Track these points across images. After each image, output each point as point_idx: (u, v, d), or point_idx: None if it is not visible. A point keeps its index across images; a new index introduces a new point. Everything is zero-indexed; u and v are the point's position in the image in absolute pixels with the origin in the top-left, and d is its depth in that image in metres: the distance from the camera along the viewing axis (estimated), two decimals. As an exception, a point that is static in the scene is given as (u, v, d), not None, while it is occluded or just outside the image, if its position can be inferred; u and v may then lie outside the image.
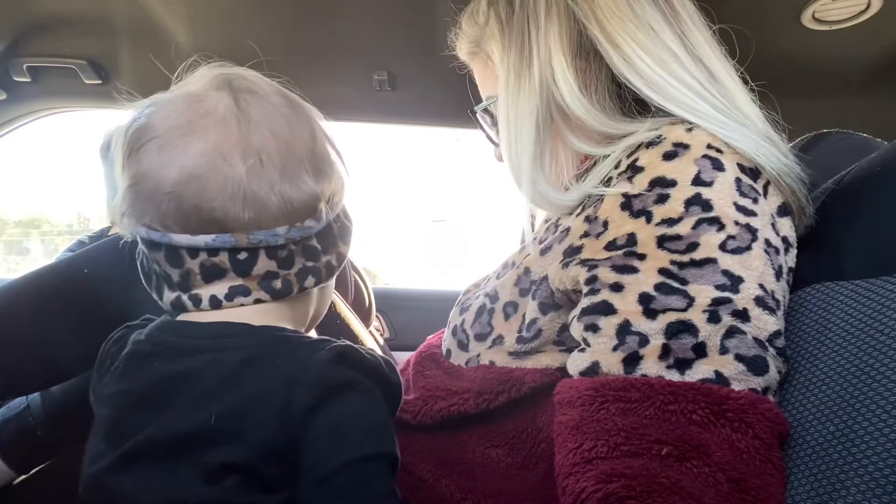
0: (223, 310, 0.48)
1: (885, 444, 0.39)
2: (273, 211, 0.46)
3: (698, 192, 0.49)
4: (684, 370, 0.44)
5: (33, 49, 1.12)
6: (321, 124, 0.52)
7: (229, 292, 0.47)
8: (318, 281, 0.51)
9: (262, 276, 0.47)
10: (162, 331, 0.49)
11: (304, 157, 0.48)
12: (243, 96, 0.47)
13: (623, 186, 0.52)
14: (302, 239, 0.48)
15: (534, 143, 0.60)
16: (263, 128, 0.47)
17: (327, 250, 0.51)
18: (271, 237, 0.46)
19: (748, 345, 0.44)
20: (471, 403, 0.57)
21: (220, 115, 0.46)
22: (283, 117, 0.48)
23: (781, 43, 0.98)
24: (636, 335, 0.46)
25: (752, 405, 0.43)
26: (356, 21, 1.02)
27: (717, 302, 0.45)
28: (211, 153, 0.45)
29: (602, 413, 0.45)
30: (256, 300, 0.48)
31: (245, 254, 0.46)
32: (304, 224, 0.48)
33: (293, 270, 0.49)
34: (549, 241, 0.58)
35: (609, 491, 0.41)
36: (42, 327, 0.72)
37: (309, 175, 0.48)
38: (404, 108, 1.26)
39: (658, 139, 0.53)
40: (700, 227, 0.47)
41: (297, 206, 0.47)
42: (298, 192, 0.47)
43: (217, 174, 0.45)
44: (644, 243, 0.49)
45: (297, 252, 0.49)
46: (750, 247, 0.47)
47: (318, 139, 0.50)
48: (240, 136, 0.45)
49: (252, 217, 0.46)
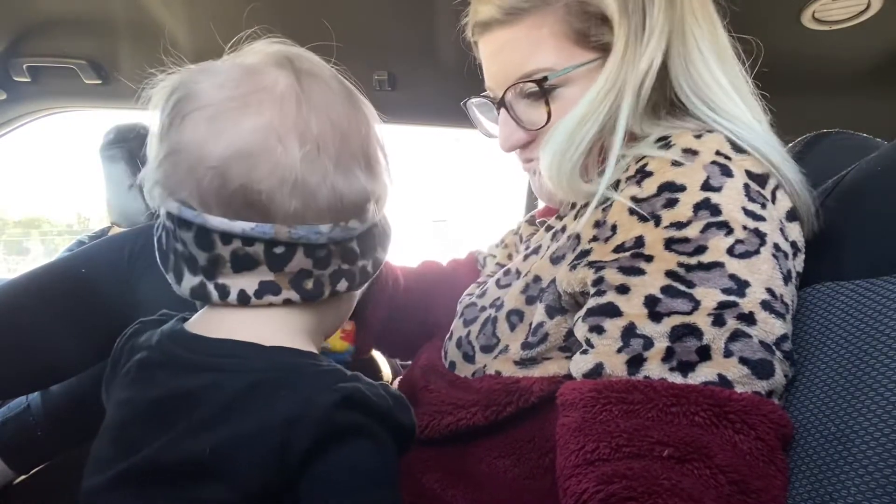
0: (245, 309, 0.45)
1: (886, 445, 0.39)
2: (321, 204, 0.43)
3: (707, 197, 0.49)
4: (687, 372, 0.44)
5: (33, 49, 1.12)
6: (375, 122, 0.49)
7: (259, 288, 0.44)
8: (352, 286, 0.47)
9: (294, 273, 0.44)
10: (173, 341, 0.46)
11: (359, 152, 0.45)
12: (305, 77, 0.44)
13: (632, 190, 0.52)
14: (344, 240, 0.45)
15: (600, 126, 0.57)
16: (323, 114, 0.43)
17: (365, 254, 0.48)
18: (313, 234, 0.43)
19: (753, 348, 0.44)
20: (479, 417, 0.57)
21: (279, 93, 0.43)
22: (342, 106, 0.45)
23: (781, 43, 0.98)
24: (641, 338, 0.46)
25: (755, 407, 0.43)
26: (356, 21, 1.02)
27: (723, 306, 0.45)
28: (265, 131, 0.41)
29: (604, 415, 0.45)
30: (286, 300, 0.44)
31: (282, 248, 0.43)
32: (349, 224, 0.45)
33: (328, 272, 0.45)
34: (561, 250, 0.58)
35: (610, 492, 0.40)
36: (40, 327, 0.72)
37: (362, 171, 0.45)
38: (404, 108, 1.26)
39: (667, 145, 0.54)
40: (709, 231, 0.47)
41: (347, 203, 0.44)
42: (350, 187, 0.44)
43: (269, 155, 0.41)
44: (652, 245, 0.49)
45: (336, 253, 0.45)
46: (758, 251, 0.47)
47: (372, 135, 0.48)
48: (297, 118, 0.42)
49: (298, 208, 0.42)
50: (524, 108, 0.63)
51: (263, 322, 0.45)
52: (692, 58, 0.58)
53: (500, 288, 0.65)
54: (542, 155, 0.58)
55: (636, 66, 0.56)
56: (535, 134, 0.64)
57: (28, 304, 0.72)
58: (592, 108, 0.57)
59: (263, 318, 0.45)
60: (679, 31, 0.58)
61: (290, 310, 0.45)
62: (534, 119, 0.63)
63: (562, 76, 0.60)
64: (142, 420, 0.43)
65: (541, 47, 0.60)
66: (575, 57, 0.59)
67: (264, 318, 0.45)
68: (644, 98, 0.57)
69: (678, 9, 0.58)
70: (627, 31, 0.57)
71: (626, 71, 0.56)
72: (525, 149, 0.67)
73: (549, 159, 0.58)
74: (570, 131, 0.57)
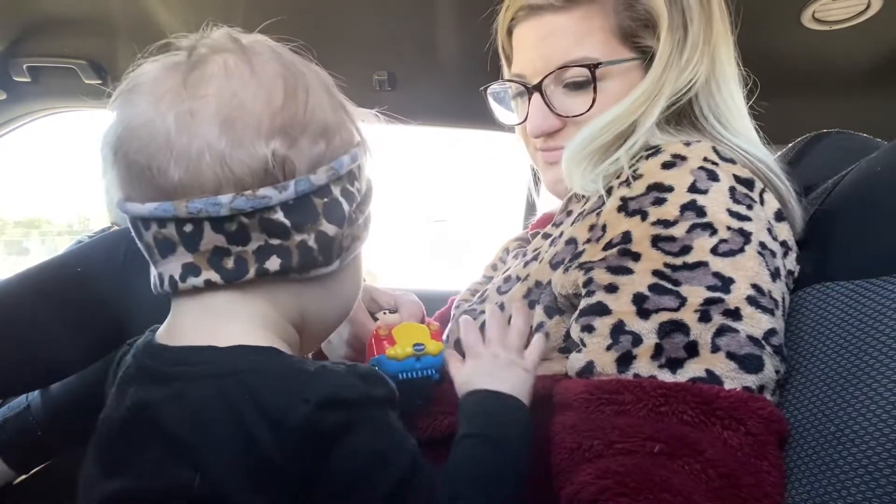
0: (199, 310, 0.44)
1: (885, 444, 0.39)
2: (207, 174, 0.40)
3: (693, 199, 0.51)
4: (676, 369, 0.45)
5: (33, 49, 1.12)
6: (323, 92, 0.47)
7: (183, 271, 0.42)
8: (287, 264, 0.43)
9: (210, 252, 0.42)
10: (145, 352, 0.45)
11: (264, 119, 0.42)
12: (203, 51, 0.44)
13: (622, 191, 0.54)
14: (256, 211, 0.41)
15: (629, 125, 0.60)
16: (213, 81, 0.42)
17: (301, 228, 0.43)
18: (212, 206, 0.40)
19: (740, 342, 0.45)
20: None
21: (169, 64, 0.43)
22: (246, 72, 0.43)
23: (781, 43, 0.98)
24: (630, 335, 0.47)
25: (743, 403, 0.43)
26: (356, 21, 1.02)
27: (709, 302, 0.46)
28: (147, 104, 0.41)
29: (597, 414, 0.46)
30: (207, 282, 0.42)
31: (191, 225, 0.41)
32: (258, 193, 0.41)
33: (249, 248, 0.42)
34: (560, 255, 0.59)
35: (603, 487, 0.41)
36: (38, 326, 0.71)
37: (266, 139, 0.42)
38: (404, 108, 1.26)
39: (657, 151, 0.56)
40: (694, 232, 0.49)
41: (240, 172, 0.41)
42: (242, 155, 0.41)
43: (149, 123, 0.41)
44: (638, 241, 0.50)
45: (253, 226, 0.42)
46: (742, 249, 0.48)
47: (298, 103, 0.44)
48: (179, 84, 0.41)
49: (183, 179, 0.40)
50: (561, 96, 0.65)
51: (218, 320, 0.43)
52: (720, 78, 0.62)
53: (501, 294, 0.65)
54: (576, 142, 0.60)
55: (679, 77, 0.59)
56: (566, 122, 0.65)
57: (24, 302, 0.72)
58: (633, 108, 0.59)
59: (216, 316, 0.44)
60: (714, 50, 0.61)
61: (244, 303, 0.44)
62: (570, 107, 0.64)
63: (608, 68, 0.62)
64: (116, 438, 0.42)
65: (589, 38, 0.62)
66: (618, 52, 0.62)
67: (217, 315, 0.44)
68: (672, 108, 0.60)
69: (713, 30, 0.61)
70: (673, 40, 0.60)
71: (668, 78, 0.59)
72: (551, 137, 0.68)
73: (579, 147, 0.60)
74: (606, 124, 0.60)
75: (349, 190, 0.46)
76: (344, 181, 0.46)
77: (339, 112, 0.47)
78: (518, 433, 0.48)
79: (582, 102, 0.63)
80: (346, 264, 0.48)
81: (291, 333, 0.47)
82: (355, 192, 0.47)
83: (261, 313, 0.45)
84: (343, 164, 0.45)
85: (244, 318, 0.44)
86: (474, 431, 0.48)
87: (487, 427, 0.48)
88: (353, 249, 0.48)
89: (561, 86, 0.65)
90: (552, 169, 0.69)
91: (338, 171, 0.45)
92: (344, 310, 0.52)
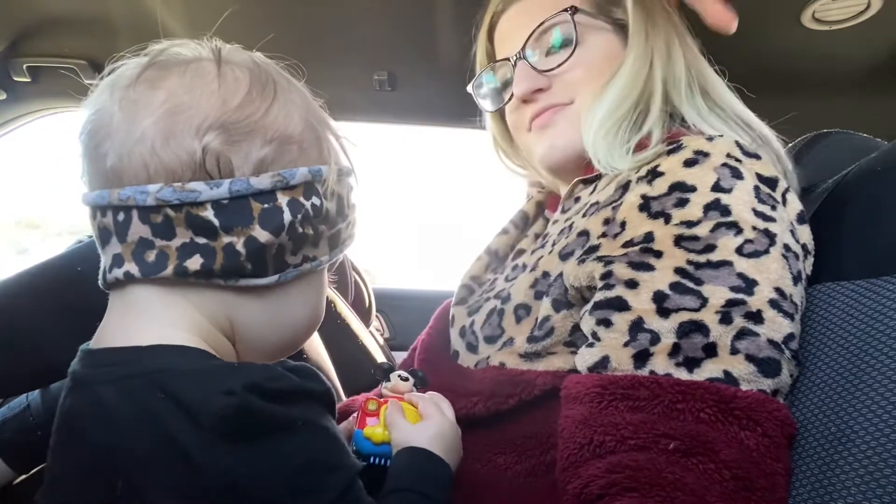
0: (119, 310, 0.43)
1: (886, 445, 0.39)
2: (138, 162, 0.40)
3: (717, 198, 0.50)
4: (693, 368, 0.44)
5: (33, 49, 1.12)
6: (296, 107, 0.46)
7: (112, 262, 0.42)
8: (209, 266, 0.41)
9: (136, 243, 0.41)
10: (77, 357, 0.44)
11: (210, 115, 0.41)
12: (174, 51, 0.44)
13: (642, 189, 0.53)
14: (184, 204, 0.40)
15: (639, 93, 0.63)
16: (171, 77, 0.42)
17: (230, 230, 0.41)
18: (139, 194, 0.39)
19: (760, 346, 0.44)
20: (480, 407, 0.57)
21: (139, 60, 0.44)
22: (210, 74, 0.43)
23: (781, 43, 0.98)
24: (648, 332, 0.46)
25: (761, 404, 0.43)
26: (356, 21, 1.02)
27: (731, 303, 0.45)
28: (108, 90, 0.42)
29: (610, 409, 0.45)
30: (127, 274, 0.41)
31: (122, 214, 0.40)
32: (187, 186, 0.40)
33: (174, 243, 0.40)
34: (570, 247, 0.58)
35: (613, 480, 0.41)
36: (37, 325, 0.71)
37: (201, 133, 0.41)
38: (404, 108, 1.26)
39: (678, 147, 0.55)
40: (718, 231, 0.48)
41: (170, 162, 0.40)
42: (173, 145, 0.40)
43: (101, 110, 0.42)
44: (661, 241, 0.49)
45: (179, 221, 0.40)
46: (767, 251, 0.48)
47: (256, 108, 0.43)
48: (136, 76, 0.42)
49: (117, 166, 0.40)
50: (544, 59, 0.68)
51: (139, 319, 0.42)
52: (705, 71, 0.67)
53: (507, 281, 0.65)
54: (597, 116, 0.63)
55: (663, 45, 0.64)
56: (552, 81, 0.68)
57: (24, 302, 0.72)
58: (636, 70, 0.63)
59: (137, 314, 0.42)
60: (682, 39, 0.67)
61: (165, 303, 0.42)
62: (553, 62, 0.67)
63: (585, 28, 0.66)
64: (51, 449, 0.42)
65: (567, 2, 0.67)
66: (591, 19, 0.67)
67: (138, 313, 0.42)
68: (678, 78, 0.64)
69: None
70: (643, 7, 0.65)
71: (655, 45, 0.64)
72: (539, 95, 0.68)
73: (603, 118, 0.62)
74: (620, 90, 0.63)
75: (300, 202, 0.43)
76: (297, 192, 0.43)
77: (311, 129, 0.46)
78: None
79: (563, 56, 0.66)
80: (290, 282, 0.45)
81: (222, 342, 0.45)
82: (308, 206, 0.44)
83: (185, 316, 0.42)
84: (296, 174, 0.43)
85: (166, 318, 0.42)
86: (416, 488, 0.46)
87: (426, 486, 0.47)
88: (302, 268, 0.45)
89: (543, 51, 0.68)
90: (545, 135, 0.69)
91: (287, 179, 0.43)
92: (290, 332, 0.49)
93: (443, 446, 0.50)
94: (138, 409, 0.37)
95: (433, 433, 0.51)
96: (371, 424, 0.53)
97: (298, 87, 0.48)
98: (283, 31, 1.05)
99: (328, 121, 0.49)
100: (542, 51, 0.68)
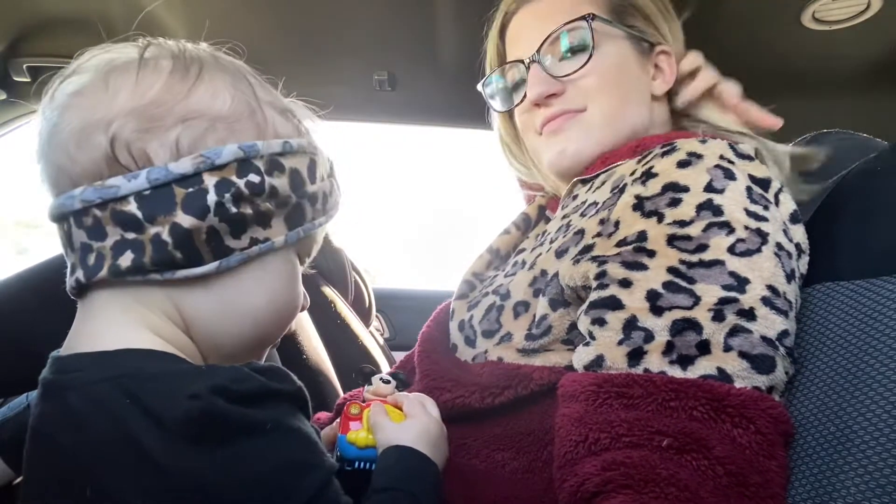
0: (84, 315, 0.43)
1: (885, 444, 0.39)
2: (62, 169, 0.40)
3: (710, 198, 0.50)
4: (686, 366, 0.45)
5: (33, 49, 1.12)
6: (227, 85, 0.44)
7: (70, 270, 0.42)
8: (140, 261, 0.39)
9: (79, 249, 0.41)
10: (47, 365, 0.44)
11: (122, 109, 0.40)
12: (87, 66, 0.45)
13: (636, 189, 0.54)
14: (107, 202, 0.39)
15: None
16: (85, 86, 0.43)
17: (154, 219, 0.39)
18: (68, 200, 0.39)
19: (753, 343, 0.45)
20: (476, 397, 0.57)
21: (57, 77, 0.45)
22: (130, 69, 0.42)
23: (781, 43, 0.98)
24: (642, 331, 0.47)
25: (753, 402, 0.43)
26: (356, 21, 1.02)
27: (723, 301, 0.46)
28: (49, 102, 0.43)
29: (605, 407, 0.45)
30: (77, 280, 0.41)
31: (66, 224, 0.41)
32: (106, 183, 0.39)
33: (107, 243, 0.40)
34: (565, 245, 0.59)
35: (608, 478, 0.41)
36: (37, 325, 0.71)
37: (106, 126, 0.40)
38: (404, 108, 1.26)
39: (672, 149, 0.56)
40: (710, 231, 0.49)
41: (85, 163, 0.40)
42: (84, 144, 0.40)
43: (38, 129, 0.43)
44: (654, 240, 0.50)
45: (107, 219, 0.39)
46: (759, 249, 0.48)
47: (175, 93, 0.42)
48: (55, 92, 0.43)
49: (49, 177, 0.41)
50: (558, 63, 0.68)
51: (97, 324, 0.42)
52: None
53: (507, 277, 0.65)
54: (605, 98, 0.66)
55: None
56: (566, 86, 0.68)
57: (24, 301, 0.72)
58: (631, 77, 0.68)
59: (94, 319, 0.43)
60: None
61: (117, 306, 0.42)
62: (568, 67, 0.67)
63: (602, 34, 0.67)
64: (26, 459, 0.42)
65: (582, 7, 0.68)
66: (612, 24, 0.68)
67: (95, 319, 0.42)
68: None
69: None
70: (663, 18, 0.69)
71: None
72: (552, 100, 0.68)
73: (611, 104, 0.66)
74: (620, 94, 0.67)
75: (230, 181, 0.41)
76: (227, 172, 0.41)
77: (245, 106, 0.44)
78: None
79: (578, 62, 0.66)
80: (240, 268, 0.43)
81: (184, 341, 0.43)
82: (241, 184, 0.41)
83: (141, 318, 0.42)
84: (222, 153, 0.41)
85: (124, 321, 0.41)
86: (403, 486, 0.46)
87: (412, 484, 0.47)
88: (249, 251, 0.43)
89: (557, 56, 0.68)
90: (556, 140, 0.70)
91: (211, 159, 0.40)
92: (251, 322, 0.45)
93: (428, 444, 0.50)
94: (104, 414, 0.37)
95: (418, 431, 0.51)
96: (354, 429, 0.52)
97: (235, 66, 0.46)
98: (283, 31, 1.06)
99: (275, 96, 0.48)
100: (556, 55, 0.68)
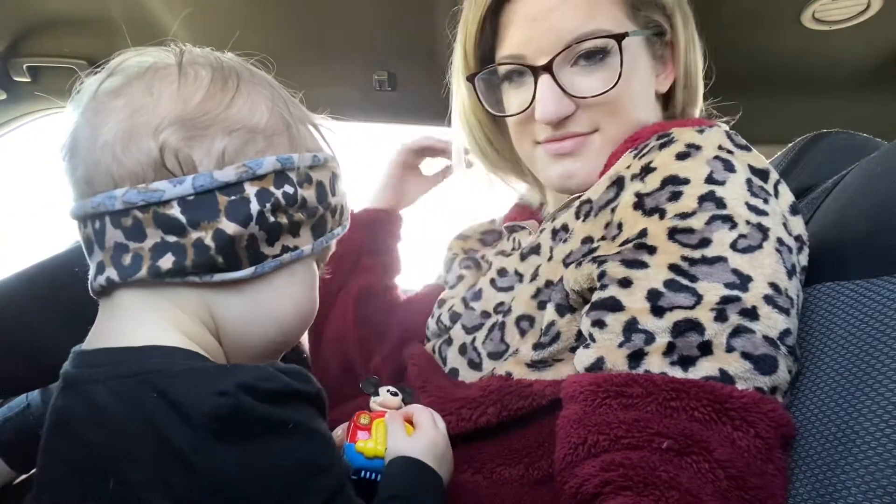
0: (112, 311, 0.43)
1: (887, 445, 0.39)
2: (103, 169, 0.41)
3: (712, 190, 0.49)
4: (688, 367, 0.44)
5: (33, 49, 1.12)
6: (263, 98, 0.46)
7: (96, 270, 0.43)
8: (181, 263, 0.41)
9: (113, 249, 0.41)
10: (69, 358, 0.45)
11: (168, 115, 0.42)
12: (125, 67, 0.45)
13: (636, 187, 0.53)
14: (150, 204, 0.40)
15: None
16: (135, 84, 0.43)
17: (198, 225, 0.41)
18: (108, 199, 0.40)
19: (756, 343, 0.44)
20: (490, 413, 0.55)
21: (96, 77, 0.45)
22: (171, 76, 0.43)
23: (781, 43, 0.98)
24: (642, 333, 0.46)
25: (756, 405, 0.43)
26: (356, 21, 1.02)
27: (726, 300, 0.45)
28: (79, 105, 0.45)
29: (603, 408, 0.45)
30: (109, 279, 0.41)
31: (98, 222, 0.41)
32: (151, 186, 0.40)
33: (146, 244, 0.41)
34: (574, 255, 0.56)
35: (607, 479, 0.41)
36: (37, 325, 0.71)
37: (157, 132, 0.41)
38: (404, 108, 1.26)
39: (669, 141, 0.54)
40: (714, 224, 0.48)
41: (132, 165, 0.41)
42: (132, 148, 0.41)
43: (73, 124, 0.44)
44: (655, 236, 0.49)
45: (148, 222, 0.40)
46: (761, 245, 0.48)
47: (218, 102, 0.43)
48: (95, 91, 0.44)
49: (86, 175, 0.41)
50: (572, 76, 0.59)
51: (126, 322, 0.43)
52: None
53: (501, 291, 0.64)
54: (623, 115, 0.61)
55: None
56: (579, 105, 0.60)
57: (23, 301, 0.73)
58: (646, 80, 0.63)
59: (123, 317, 0.43)
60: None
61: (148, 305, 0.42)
62: (584, 87, 0.59)
63: (623, 42, 0.57)
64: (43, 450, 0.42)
65: (599, 9, 0.58)
66: (627, 26, 0.59)
67: (124, 317, 0.43)
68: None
69: None
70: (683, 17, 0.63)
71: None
72: (563, 124, 0.61)
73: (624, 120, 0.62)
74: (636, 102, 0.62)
75: (269, 191, 0.43)
76: (266, 182, 0.43)
77: (279, 119, 0.46)
78: None
79: (598, 80, 0.58)
80: (271, 274, 0.45)
81: (211, 343, 0.45)
82: (279, 195, 0.43)
83: (171, 317, 0.43)
84: (263, 164, 0.43)
85: (152, 320, 0.42)
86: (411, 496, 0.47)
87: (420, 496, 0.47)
88: (281, 258, 0.44)
89: (570, 64, 0.59)
90: (562, 162, 0.63)
91: (253, 169, 0.42)
92: (276, 326, 0.47)
93: (435, 458, 0.51)
94: (130, 409, 0.37)
95: (426, 445, 0.51)
96: (363, 438, 0.52)
97: (266, 80, 0.48)
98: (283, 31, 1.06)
99: (302, 111, 0.49)
100: (570, 62, 0.59)
